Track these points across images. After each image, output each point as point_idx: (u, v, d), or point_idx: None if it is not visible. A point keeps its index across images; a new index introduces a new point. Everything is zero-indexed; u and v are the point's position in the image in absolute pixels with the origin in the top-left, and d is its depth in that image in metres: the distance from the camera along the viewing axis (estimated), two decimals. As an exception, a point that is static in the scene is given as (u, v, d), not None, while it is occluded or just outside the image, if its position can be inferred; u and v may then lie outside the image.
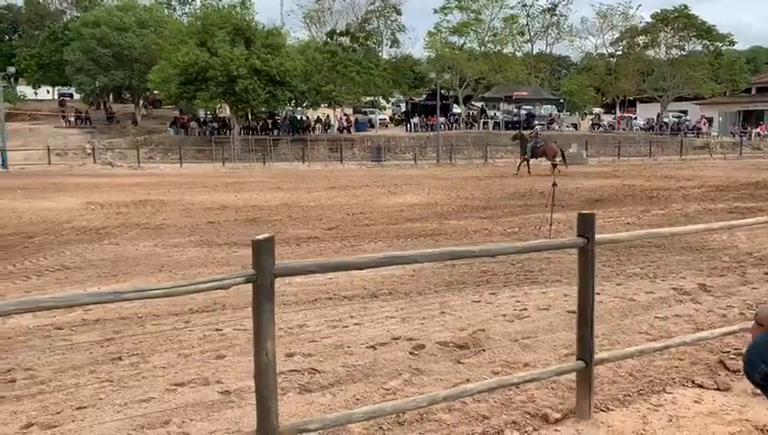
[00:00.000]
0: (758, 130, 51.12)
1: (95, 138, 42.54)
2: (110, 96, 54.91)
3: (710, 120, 54.99)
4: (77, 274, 9.07)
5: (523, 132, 31.52)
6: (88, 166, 34.54)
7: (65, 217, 14.84)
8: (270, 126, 45.25)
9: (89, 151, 38.20)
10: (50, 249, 11.02)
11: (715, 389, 4.42)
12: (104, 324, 6.29)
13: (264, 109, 43.83)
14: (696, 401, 4.24)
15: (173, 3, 60.27)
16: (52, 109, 53.54)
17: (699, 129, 51.28)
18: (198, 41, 38.95)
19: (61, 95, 59.94)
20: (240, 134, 41.31)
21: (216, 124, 45.79)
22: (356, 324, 6.17)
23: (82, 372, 4.99)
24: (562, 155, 27.68)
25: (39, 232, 12.90)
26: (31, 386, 4.73)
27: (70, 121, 47.54)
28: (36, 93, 58.95)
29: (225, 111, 45.28)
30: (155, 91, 46.15)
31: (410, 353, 5.29)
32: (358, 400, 4.39)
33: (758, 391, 4.21)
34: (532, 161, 27.53)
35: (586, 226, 3.86)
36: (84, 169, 32.99)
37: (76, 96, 58.12)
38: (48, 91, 60.97)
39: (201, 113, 48.55)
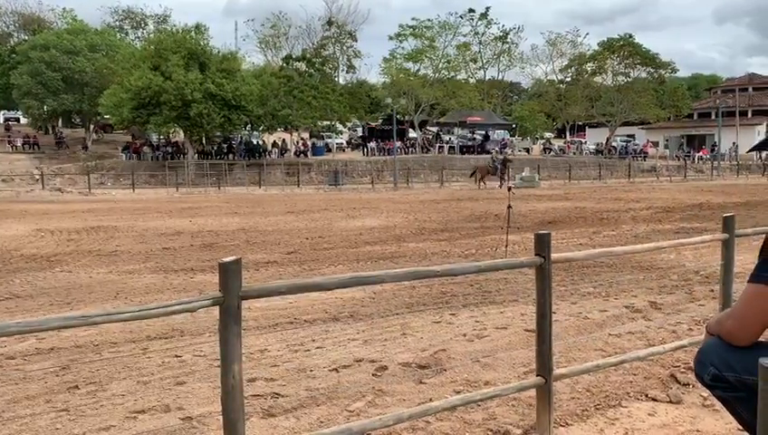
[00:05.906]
0: (700, 153, 53.25)
1: (43, 163, 41.42)
2: (60, 120, 53.68)
3: (656, 144, 57.14)
4: (28, 302, 8.80)
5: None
6: (36, 192, 33.57)
7: (13, 245, 14.39)
8: (225, 150, 44.92)
9: (37, 177, 37.16)
10: (-2, 278, 10.68)
11: (667, 402, 4.59)
12: (59, 353, 6.13)
13: (218, 133, 43.54)
14: (650, 414, 4.39)
15: (125, 27, 59.57)
16: (-2, 133, 52.04)
17: (646, 152, 53.08)
18: (152, 65, 38.60)
19: (6, 119, 58.26)
20: (194, 159, 40.88)
21: (169, 149, 45.23)
22: (318, 348, 6.18)
23: (37, 402, 4.86)
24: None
25: (-14, 260, 12.48)
26: (-17, 418, 4.58)
27: (16, 147, 46.23)
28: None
29: (179, 135, 44.81)
30: (106, 116, 45.40)
31: (373, 375, 5.32)
32: (322, 422, 4.40)
33: (708, 402, 4.42)
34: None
35: (543, 245, 4.00)
36: (32, 195, 32.05)
37: (23, 120, 56.57)
38: (-7, 115, 59.27)
39: (154, 138, 47.86)
